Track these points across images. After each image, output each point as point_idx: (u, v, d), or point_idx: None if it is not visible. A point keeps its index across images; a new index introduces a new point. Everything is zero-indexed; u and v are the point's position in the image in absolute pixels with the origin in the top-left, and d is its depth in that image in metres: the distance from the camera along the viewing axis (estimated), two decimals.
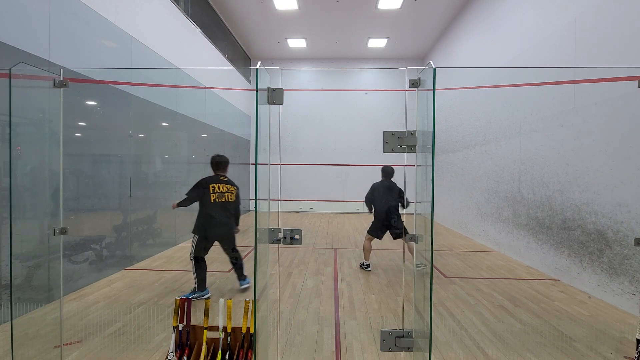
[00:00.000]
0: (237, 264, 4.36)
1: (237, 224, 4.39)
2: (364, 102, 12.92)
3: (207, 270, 4.22)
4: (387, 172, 5.39)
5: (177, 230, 7.05)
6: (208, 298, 4.05)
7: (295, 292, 4.29)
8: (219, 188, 4.20)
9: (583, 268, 4.48)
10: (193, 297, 3.95)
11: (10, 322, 2.60)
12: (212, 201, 4.13)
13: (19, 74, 2.37)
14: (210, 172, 4.34)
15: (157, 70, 6.42)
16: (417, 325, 1.91)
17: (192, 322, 2.49)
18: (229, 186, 4.27)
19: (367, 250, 5.31)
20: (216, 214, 4.14)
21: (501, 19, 7.02)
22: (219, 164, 4.34)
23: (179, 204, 4.19)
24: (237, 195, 4.34)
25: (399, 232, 5.17)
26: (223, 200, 4.20)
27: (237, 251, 4.37)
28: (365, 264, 5.31)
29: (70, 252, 4.24)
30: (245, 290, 4.33)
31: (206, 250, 4.14)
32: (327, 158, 12.84)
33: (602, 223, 4.19)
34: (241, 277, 4.35)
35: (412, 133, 1.81)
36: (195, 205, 4.28)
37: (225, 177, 4.34)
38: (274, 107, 1.85)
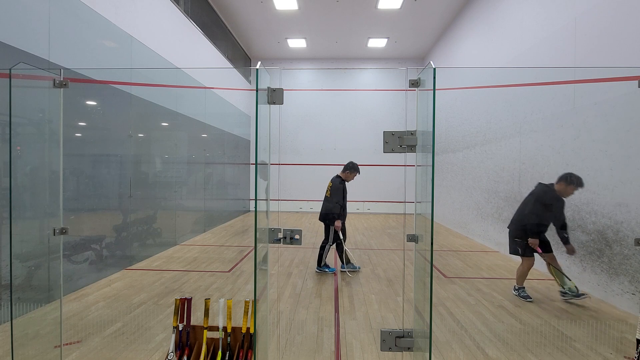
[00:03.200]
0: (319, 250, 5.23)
1: (340, 215, 5.14)
2: (364, 102, 12.92)
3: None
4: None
5: (177, 230, 7.05)
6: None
7: (295, 292, 4.29)
8: (328, 185, 5.37)
9: (583, 268, 4.48)
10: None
11: (10, 322, 2.59)
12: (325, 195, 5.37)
13: (19, 74, 2.37)
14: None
15: (157, 70, 6.42)
16: (417, 325, 1.91)
17: (192, 322, 2.49)
18: (330, 183, 5.32)
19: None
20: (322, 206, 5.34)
21: (501, 19, 7.02)
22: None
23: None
24: (331, 190, 5.21)
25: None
26: (326, 194, 5.31)
27: (335, 238, 5.16)
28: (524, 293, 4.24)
29: (70, 252, 4.24)
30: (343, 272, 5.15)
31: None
32: (327, 158, 12.83)
33: (602, 223, 4.19)
34: (317, 262, 5.19)
35: (412, 133, 1.81)
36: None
37: (337, 175, 5.30)
38: (274, 107, 1.85)
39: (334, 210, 5.06)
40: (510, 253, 4.37)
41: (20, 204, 3.62)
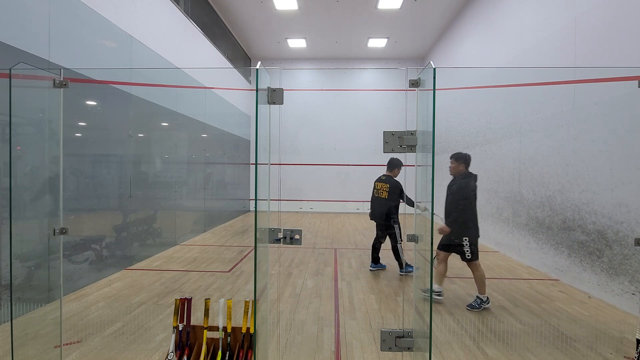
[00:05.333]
0: (395, 255, 5.10)
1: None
2: (364, 102, 12.92)
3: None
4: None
5: (177, 230, 7.05)
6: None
7: (295, 292, 4.29)
8: (377, 185, 5.24)
9: (583, 268, 4.48)
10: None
11: (10, 322, 2.60)
12: (372, 195, 5.30)
13: (19, 74, 2.37)
14: None
15: (157, 70, 6.42)
16: (417, 325, 1.91)
17: (192, 322, 2.49)
18: (382, 184, 5.16)
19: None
20: (374, 206, 5.26)
21: (501, 18, 7.02)
22: (388, 163, 5.26)
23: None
24: (390, 191, 5.04)
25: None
26: (379, 196, 5.18)
27: (392, 244, 5.06)
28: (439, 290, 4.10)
29: (70, 252, 4.24)
30: (402, 275, 5.07)
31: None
32: (327, 158, 12.83)
33: (602, 223, 4.19)
34: (399, 266, 5.11)
35: (412, 133, 1.81)
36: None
37: (385, 175, 5.23)
38: (274, 107, 1.85)
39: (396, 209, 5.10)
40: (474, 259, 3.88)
41: (20, 204, 3.62)
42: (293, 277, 4.88)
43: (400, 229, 5.05)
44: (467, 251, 3.80)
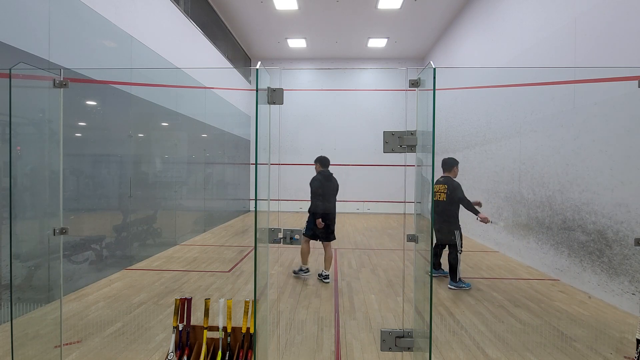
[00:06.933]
0: (450, 264, 4.59)
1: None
2: (364, 102, 12.92)
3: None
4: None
5: (177, 230, 7.05)
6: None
7: (295, 292, 4.29)
8: (435, 188, 4.60)
9: (583, 268, 4.48)
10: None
11: (10, 322, 2.60)
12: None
13: (19, 74, 2.36)
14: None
15: (157, 70, 6.42)
16: (417, 325, 1.91)
17: (192, 322, 2.49)
18: (441, 186, 4.64)
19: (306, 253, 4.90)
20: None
21: (501, 19, 7.02)
22: (443, 164, 4.79)
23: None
24: (450, 192, 4.58)
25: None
26: (437, 199, 4.65)
27: (451, 252, 4.62)
28: (304, 268, 4.90)
29: (70, 252, 4.24)
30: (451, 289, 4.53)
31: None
32: None
33: (602, 223, 4.19)
34: (452, 278, 4.54)
35: (412, 133, 1.81)
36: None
37: (443, 177, 4.74)
38: (274, 107, 1.85)
39: (455, 212, 4.73)
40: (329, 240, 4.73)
41: (20, 204, 3.62)
42: (293, 277, 4.88)
43: (461, 236, 4.69)
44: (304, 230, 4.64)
